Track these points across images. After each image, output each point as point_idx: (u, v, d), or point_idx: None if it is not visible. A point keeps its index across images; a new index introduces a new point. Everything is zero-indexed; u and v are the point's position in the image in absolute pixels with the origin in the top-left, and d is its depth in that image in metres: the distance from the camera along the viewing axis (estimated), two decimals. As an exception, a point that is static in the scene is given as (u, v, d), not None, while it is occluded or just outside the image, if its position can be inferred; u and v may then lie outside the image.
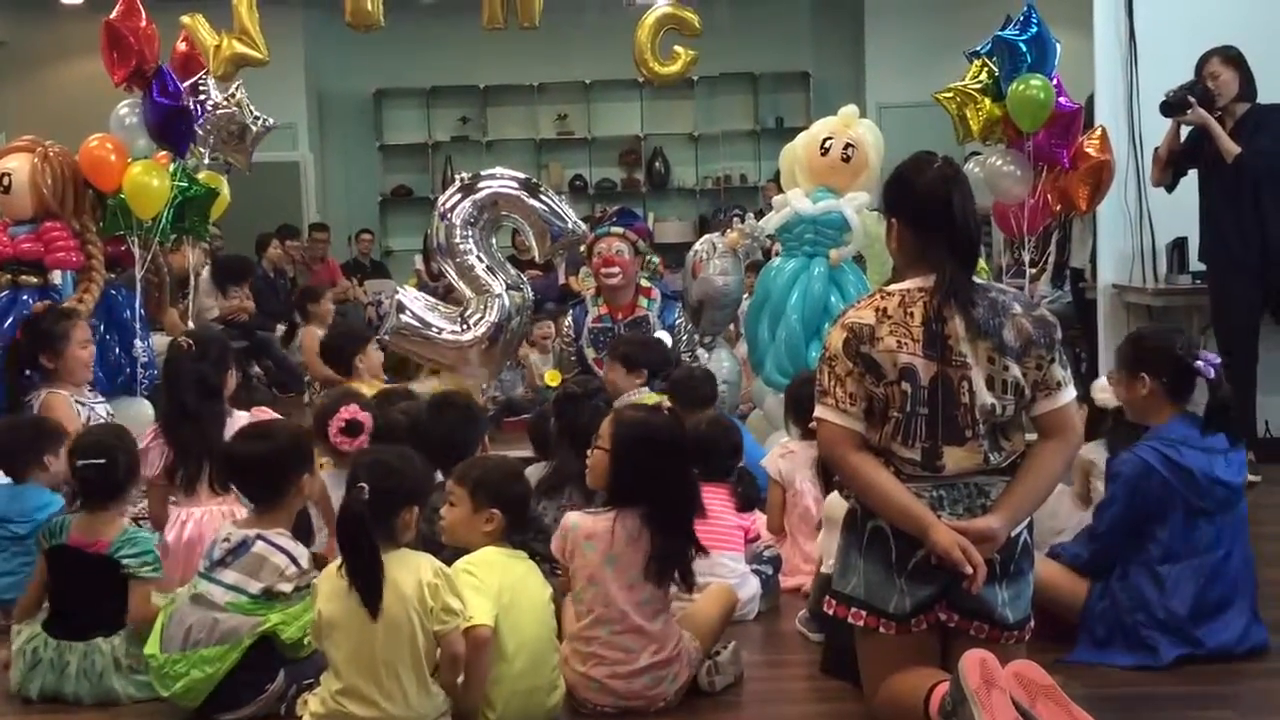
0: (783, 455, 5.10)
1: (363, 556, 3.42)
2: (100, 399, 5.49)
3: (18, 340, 5.44)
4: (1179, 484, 4.06)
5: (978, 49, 6.74)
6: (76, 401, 5.23)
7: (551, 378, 6.87)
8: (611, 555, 3.73)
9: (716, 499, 4.56)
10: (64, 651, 3.97)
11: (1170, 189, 6.99)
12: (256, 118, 6.80)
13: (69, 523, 4.12)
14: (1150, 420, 4.23)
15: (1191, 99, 6.63)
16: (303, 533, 4.40)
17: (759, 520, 4.91)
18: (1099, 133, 6.82)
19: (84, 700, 3.96)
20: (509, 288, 6.80)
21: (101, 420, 5.25)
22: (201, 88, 6.60)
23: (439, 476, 4.23)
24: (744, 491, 4.77)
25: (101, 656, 3.95)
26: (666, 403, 4.96)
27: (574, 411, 4.85)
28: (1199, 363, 4.13)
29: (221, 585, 3.78)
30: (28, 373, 5.46)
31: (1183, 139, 6.84)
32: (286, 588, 3.78)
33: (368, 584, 3.41)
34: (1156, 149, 6.95)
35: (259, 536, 3.81)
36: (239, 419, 4.69)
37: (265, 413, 4.85)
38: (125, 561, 3.98)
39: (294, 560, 3.82)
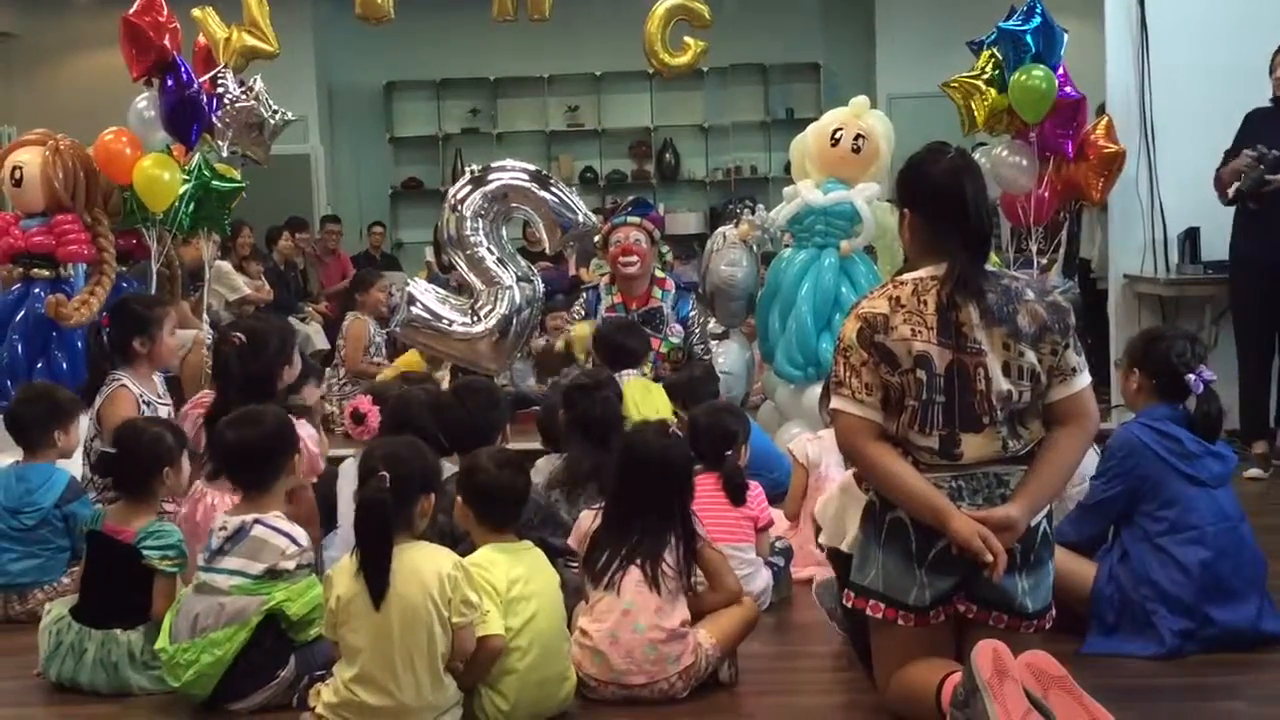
0: (811, 440, 5.09)
1: (380, 545, 3.45)
2: (167, 401, 5.42)
3: (103, 325, 5.41)
4: (1168, 452, 4.12)
5: (980, 40, 6.73)
6: (143, 402, 5.21)
7: (579, 333, 6.84)
8: None
9: (716, 489, 4.55)
10: (83, 638, 4.01)
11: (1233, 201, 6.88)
12: (275, 111, 6.80)
13: (107, 510, 4.21)
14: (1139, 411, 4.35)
15: (1269, 176, 6.38)
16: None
17: (769, 509, 4.83)
18: (1104, 122, 6.81)
19: (100, 690, 3.98)
20: (519, 280, 6.80)
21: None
22: (221, 81, 6.60)
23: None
24: (730, 481, 4.62)
25: (118, 647, 3.97)
26: (671, 416, 4.98)
27: (585, 403, 4.85)
28: (1190, 375, 4.20)
29: (224, 572, 3.79)
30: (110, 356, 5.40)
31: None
32: (289, 565, 3.81)
33: (377, 573, 3.43)
34: (1220, 172, 6.68)
35: (256, 520, 3.83)
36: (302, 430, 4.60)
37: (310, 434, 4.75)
38: (146, 553, 4.01)
39: (293, 540, 3.84)
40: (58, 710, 3.98)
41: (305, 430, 4.67)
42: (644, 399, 5.58)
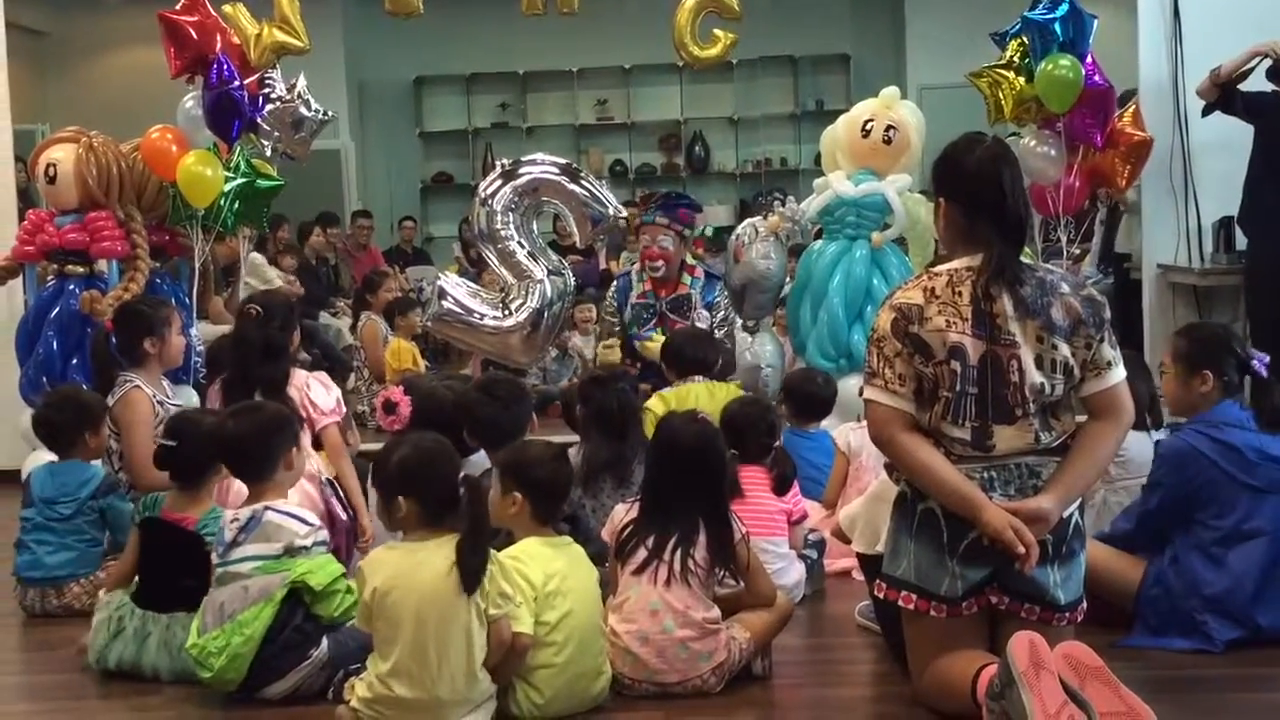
0: (855, 429, 5.09)
1: (489, 536, 3.50)
2: (177, 403, 5.46)
3: (110, 330, 5.46)
4: (1226, 463, 4.00)
5: (1004, 31, 6.67)
6: (156, 401, 5.26)
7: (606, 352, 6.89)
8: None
9: (754, 482, 4.54)
10: (147, 622, 4.07)
11: (1206, 112, 6.89)
12: (316, 110, 6.83)
13: (163, 498, 4.27)
14: (1200, 413, 4.16)
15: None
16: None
17: (803, 501, 4.85)
18: (1131, 110, 6.76)
19: (161, 674, 4.02)
20: (550, 273, 6.80)
21: None
22: (268, 81, 6.63)
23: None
24: (780, 472, 4.68)
25: (183, 630, 3.99)
26: (704, 406, 4.97)
27: (601, 396, 4.85)
28: (1254, 361, 4.10)
29: (242, 560, 3.84)
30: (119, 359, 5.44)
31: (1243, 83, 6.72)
32: (305, 542, 3.86)
33: (481, 564, 3.46)
34: (1218, 67, 6.71)
35: (266, 508, 3.88)
36: (298, 376, 4.85)
37: (323, 378, 4.99)
38: (209, 539, 4.04)
39: (305, 521, 3.91)
40: (101, 704, 4.01)
41: (320, 375, 4.95)
42: (708, 402, 5.51)
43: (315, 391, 4.85)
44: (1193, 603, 4.00)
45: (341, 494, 4.71)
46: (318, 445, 4.87)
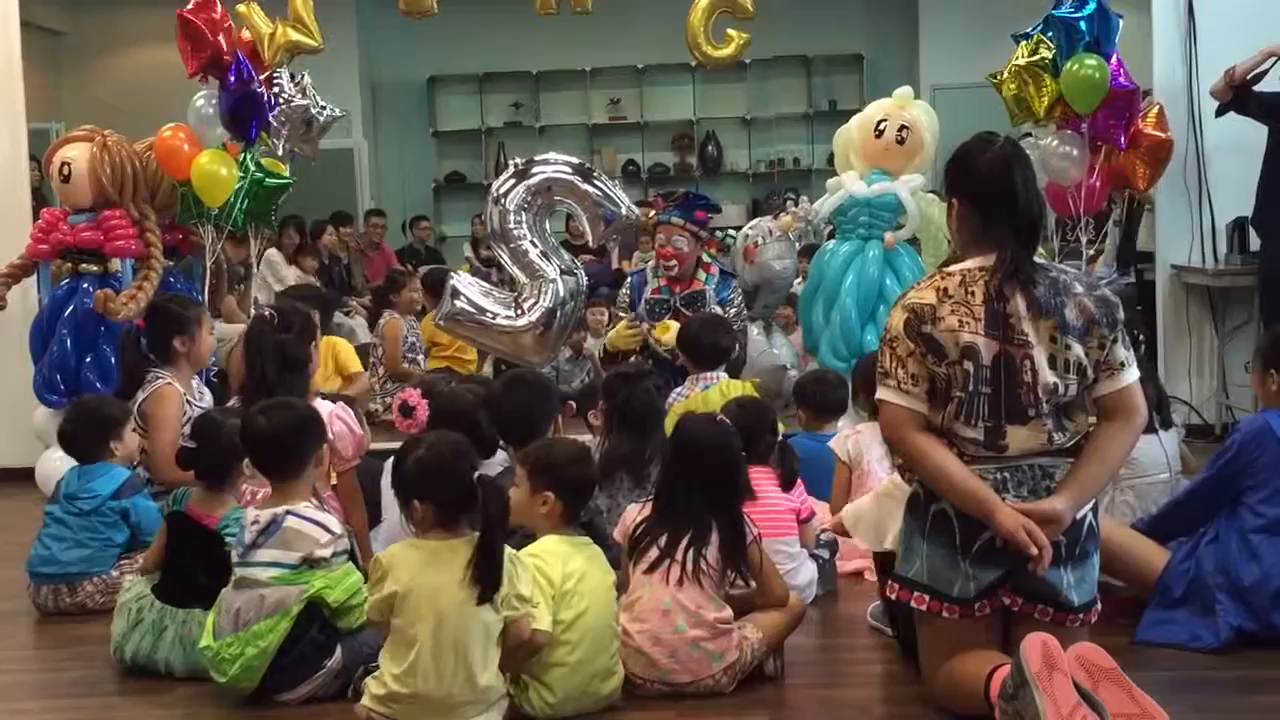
0: (851, 435, 5.08)
1: (504, 540, 3.50)
2: (203, 405, 5.39)
3: (140, 327, 5.46)
4: None
5: (1027, 31, 6.63)
6: (185, 400, 5.27)
7: (663, 330, 6.83)
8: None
9: (763, 481, 4.52)
10: (165, 616, 4.08)
11: (1220, 112, 6.89)
12: (323, 107, 6.84)
13: (191, 493, 4.28)
14: None
15: None
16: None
17: (809, 499, 4.84)
18: (1155, 110, 6.73)
19: (175, 670, 4.04)
20: (563, 272, 6.80)
21: None
22: (277, 80, 6.65)
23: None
24: (787, 469, 4.68)
25: (199, 627, 3.99)
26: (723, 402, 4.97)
27: (625, 392, 4.84)
28: None
29: (261, 564, 3.82)
30: (149, 357, 5.41)
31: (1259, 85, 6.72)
32: (325, 553, 3.83)
33: (496, 572, 3.45)
34: (1232, 67, 6.72)
35: (288, 512, 3.86)
36: (323, 407, 4.66)
37: (348, 418, 4.85)
38: (230, 539, 4.04)
39: (326, 528, 3.87)
40: (116, 700, 4.02)
41: (347, 414, 4.76)
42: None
43: (339, 433, 4.64)
44: (1218, 580, 4.01)
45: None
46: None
